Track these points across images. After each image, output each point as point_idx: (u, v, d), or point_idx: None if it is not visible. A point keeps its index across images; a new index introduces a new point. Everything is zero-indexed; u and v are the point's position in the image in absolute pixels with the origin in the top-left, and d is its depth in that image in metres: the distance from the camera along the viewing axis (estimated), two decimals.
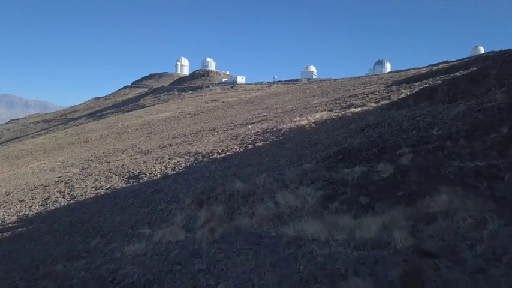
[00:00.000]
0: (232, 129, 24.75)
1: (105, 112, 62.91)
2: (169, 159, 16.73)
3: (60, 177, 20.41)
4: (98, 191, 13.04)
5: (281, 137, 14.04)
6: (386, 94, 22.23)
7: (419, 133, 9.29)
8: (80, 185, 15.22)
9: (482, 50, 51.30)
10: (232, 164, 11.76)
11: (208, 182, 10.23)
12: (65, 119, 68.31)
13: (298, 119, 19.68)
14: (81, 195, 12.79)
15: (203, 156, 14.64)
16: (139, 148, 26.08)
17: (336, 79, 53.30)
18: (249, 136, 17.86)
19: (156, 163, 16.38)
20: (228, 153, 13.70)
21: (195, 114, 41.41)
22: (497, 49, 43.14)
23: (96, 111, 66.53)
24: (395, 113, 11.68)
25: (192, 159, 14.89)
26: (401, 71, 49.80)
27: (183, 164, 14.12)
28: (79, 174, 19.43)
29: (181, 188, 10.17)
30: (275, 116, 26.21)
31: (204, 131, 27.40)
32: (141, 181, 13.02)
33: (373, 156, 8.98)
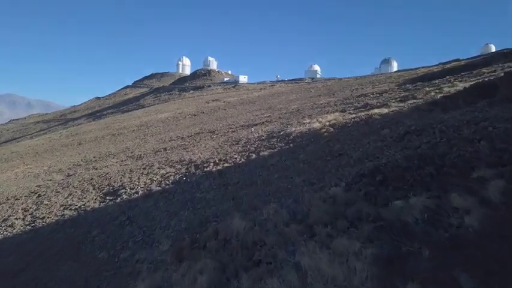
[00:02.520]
0: (233, 131, 21.88)
1: (105, 112, 60.25)
2: (158, 168, 13.88)
3: (39, 186, 17.70)
4: (65, 212, 10.21)
5: (291, 144, 11.14)
6: (407, 93, 19.27)
7: (494, 145, 6.40)
8: (50, 201, 12.41)
9: (493, 48, 48.17)
10: (231, 181, 8.88)
11: (197, 210, 7.37)
12: (64, 119, 65.60)
13: (308, 121, 16.78)
14: (43, 218, 9.96)
15: (197, 167, 11.76)
16: (132, 152, 23.27)
17: (341, 78, 50.30)
18: (252, 141, 14.98)
19: (142, 174, 13.54)
20: (226, 164, 10.82)
21: (194, 115, 38.65)
22: (504, 47, 40.15)
23: (96, 111, 63.84)
24: (442, 115, 8.77)
25: (183, 170, 12.02)
26: (409, 69, 46.81)
27: (172, 178, 11.25)
28: (58, 184, 16.64)
29: (160, 218, 7.32)
30: (280, 117, 23.32)
31: (203, 133, 24.59)
32: (118, 200, 10.17)
33: (431, 179, 6.07)
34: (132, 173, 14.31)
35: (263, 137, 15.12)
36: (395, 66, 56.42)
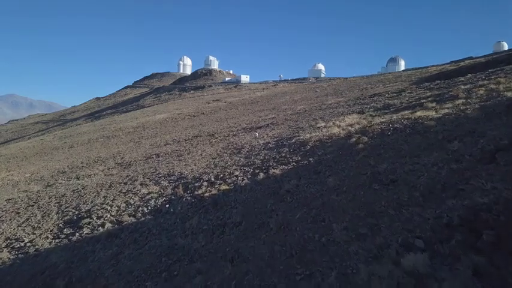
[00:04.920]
0: (235, 135, 18.92)
1: (104, 113, 57.39)
2: (141, 185, 10.89)
3: (8, 200, 14.78)
4: (1, 254, 7.22)
5: (311, 158, 8.10)
6: (436, 92, 16.23)
7: None
8: None
9: (505, 46, 44.98)
10: (230, 218, 5.88)
11: (174, 278, 4.38)
12: (63, 119, 62.68)
13: (322, 124, 13.76)
14: None
15: (186, 188, 8.75)
16: (122, 158, 20.35)
17: (347, 78, 47.18)
18: (257, 149, 11.98)
19: (120, 192, 10.57)
20: (224, 186, 7.80)
21: (194, 116, 35.76)
22: None
23: (95, 112, 60.95)
24: None
25: (169, 190, 9.03)
26: (418, 68, 43.76)
27: (153, 202, 8.25)
28: (28, 199, 13.72)
29: None
30: (286, 119, 20.33)
31: (201, 136, 21.67)
32: (75, 237, 7.18)
33: None
34: (109, 190, 11.34)
35: (270, 145, 12.11)
36: (402, 65, 53.07)
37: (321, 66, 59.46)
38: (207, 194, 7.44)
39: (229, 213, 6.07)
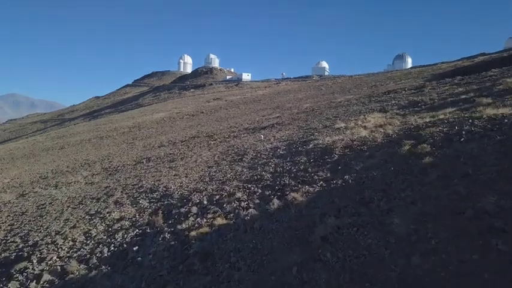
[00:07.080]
0: (236, 136, 16.27)
1: (103, 112, 54.77)
2: (114, 203, 8.25)
3: None
4: None
5: (347, 176, 5.43)
6: (473, 87, 13.58)
7: None
8: None
9: None
10: None
11: None
12: (61, 119, 60.02)
13: (342, 125, 11.08)
14: None
15: (168, 214, 6.11)
16: (110, 162, 17.72)
17: (352, 75, 44.43)
18: (264, 157, 9.31)
19: (87, 214, 7.94)
20: (220, 219, 5.13)
21: (193, 115, 33.12)
22: None
23: (94, 111, 58.32)
24: None
25: (146, 216, 6.39)
26: (428, 65, 41.01)
27: (119, 237, 5.61)
28: None
29: None
30: (293, 119, 17.64)
31: (199, 137, 19.01)
32: None
33: None
34: (76, 209, 8.70)
35: (280, 151, 9.43)
36: (409, 62, 50.14)
37: (324, 64, 56.42)
38: (193, 233, 4.78)
39: (226, 279, 3.43)
